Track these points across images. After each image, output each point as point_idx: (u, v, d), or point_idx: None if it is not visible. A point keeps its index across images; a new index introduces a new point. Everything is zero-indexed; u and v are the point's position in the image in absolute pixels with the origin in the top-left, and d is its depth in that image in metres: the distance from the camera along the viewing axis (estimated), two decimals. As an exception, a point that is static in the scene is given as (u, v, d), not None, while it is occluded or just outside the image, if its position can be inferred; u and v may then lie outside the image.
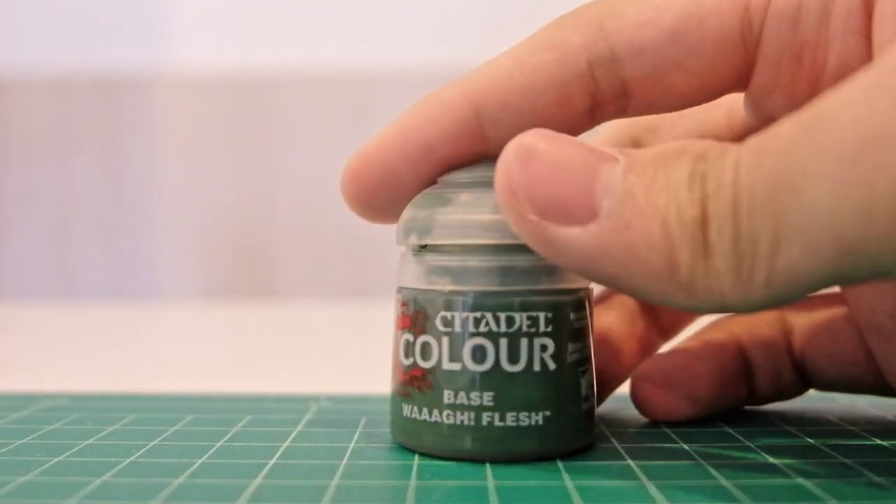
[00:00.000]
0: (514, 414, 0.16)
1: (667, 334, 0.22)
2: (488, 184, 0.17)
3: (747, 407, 0.22)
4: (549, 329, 0.17)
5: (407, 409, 0.18)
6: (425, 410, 0.17)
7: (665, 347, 0.22)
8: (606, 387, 0.21)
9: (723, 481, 0.15)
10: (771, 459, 0.17)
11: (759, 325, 0.21)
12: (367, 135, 0.73)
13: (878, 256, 0.12)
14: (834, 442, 0.18)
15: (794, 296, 0.13)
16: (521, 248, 0.16)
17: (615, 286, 0.15)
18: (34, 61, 0.69)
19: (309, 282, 0.68)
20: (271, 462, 0.17)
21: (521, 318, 0.16)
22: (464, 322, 0.17)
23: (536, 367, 0.16)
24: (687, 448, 0.18)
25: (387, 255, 0.66)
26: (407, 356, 0.17)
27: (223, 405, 0.23)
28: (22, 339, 0.44)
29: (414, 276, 0.18)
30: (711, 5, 0.17)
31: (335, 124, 0.68)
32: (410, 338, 0.17)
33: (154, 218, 0.69)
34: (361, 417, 0.21)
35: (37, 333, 0.45)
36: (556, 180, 0.14)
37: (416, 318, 0.17)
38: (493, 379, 0.16)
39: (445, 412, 0.17)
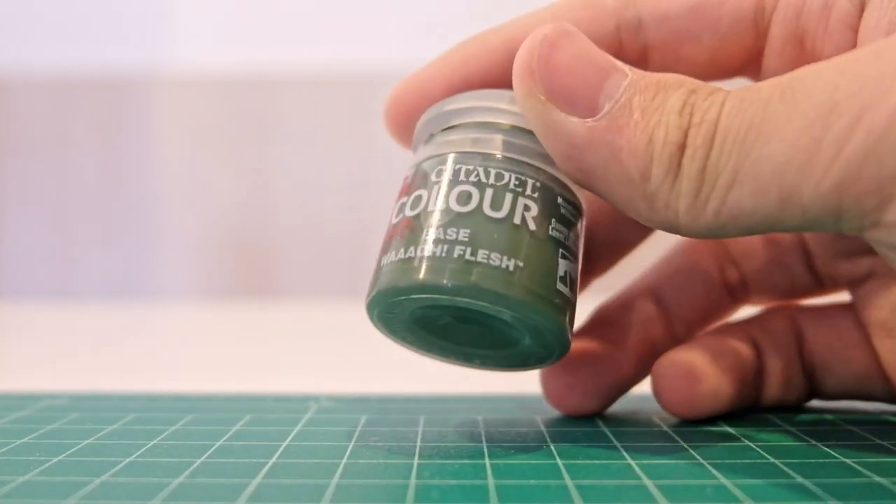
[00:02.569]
0: (487, 252, 0.16)
1: (680, 340, 0.22)
2: (500, 89, 0.18)
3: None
4: (536, 195, 0.17)
5: (386, 258, 0.17)
6: (402, 251, 0.17)
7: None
8: (618, 387, 0.21)
9: (723, 481, 0.15)
10: (771, 459, 0.17)
11: (771, 325, 0.21)
12: (366, 134, 0.73)
13: (809, 206, 0.14)
14: (833, 442, 0.18)
15: (734, 232, 0.15)
16: (527, 133, 0.17)
17: (590, 181, 0.16)
18: (34, 61, 0.69)
19: (309, 281, 0.68)
20: (271, 462, 0.17)
21: (509, 176, 0.17)
22: (456, 172, 0.17)
23: (517, 220, 0.17)
24: (687, 448, 0.18)
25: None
26: (397, 215, 0.18)
27: (223, 405, 0.23)
28: (22, 339, 0.44)
29: (422, 153, 0.19)
30: None
31: (335, 124, 0.68)
32: (405, 199, 0.18)
33: (154, 218, 0.69)
34: (361, 417, 0.21)
35: (37, 333, 0.45)
36: (571, 72, 0.16)
37: (414, 179, 0.18)
38: (473, 219, 0.17)
39: (421, 247, 0.17)
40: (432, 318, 0.18)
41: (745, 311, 0.23)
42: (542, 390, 0.21)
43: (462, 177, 0.17)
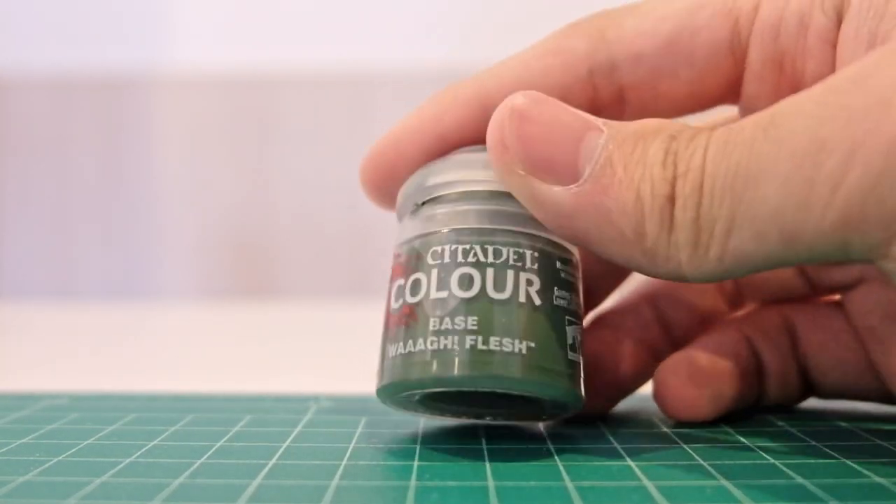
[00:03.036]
0: (498, 339, 0.16)
1: (678, 345, 0.22)
2: (484, 149, 0.17)
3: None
4: (536, 267, 0.17)
5: (392, 349, 0.17)
6: (410, 343, 0.17)
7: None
8: (619, 388, 0.21)
9: (723, 481, 0.15)
10: (771, 459, 0.17)
11: (767, 327, 0.21)
12: (366, 134, 0.73)
13: (813, 245, 0.13)
14: (834, 442, 0.18)
15: (741, 273, 0.15)
16: (511, 197, 0.17)
17: (587, 244, 0.16)
18: (34, 61, 0.69)
19: (309, 281, 0.68)
20: (271, 462, 0.17)
21: (508, 252, 0.17)
22: (453, 253, 0.17)
23: (522, 298, 0.17)
24: (687, 448, 0.18)
25: (387, 254, 0.66)
26: (396, 299, 0.18)
27: (223, 405, 0.23)
28: (22, 339, 0.44)
29: (410, 229, 0.18)
30: (704, 19, 0.18)
31: (335, 124, 0.68)
32: (402, 281, 0.18)
33: (154, 218, 0.69)
34: (361, 417, 0.21)
35: (37, 333, 0.45)
36: (545, 141, 0.16)
37: (409, 261, 0.18)
38: (479, 304, 0.16)
39: (430, 339, 0.16)
40: (444, 393, 0.18)
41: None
42: None
43: (460, 258, 0.17)
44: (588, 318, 0.22)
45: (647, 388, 0.22)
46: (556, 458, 0.17)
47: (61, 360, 0.36)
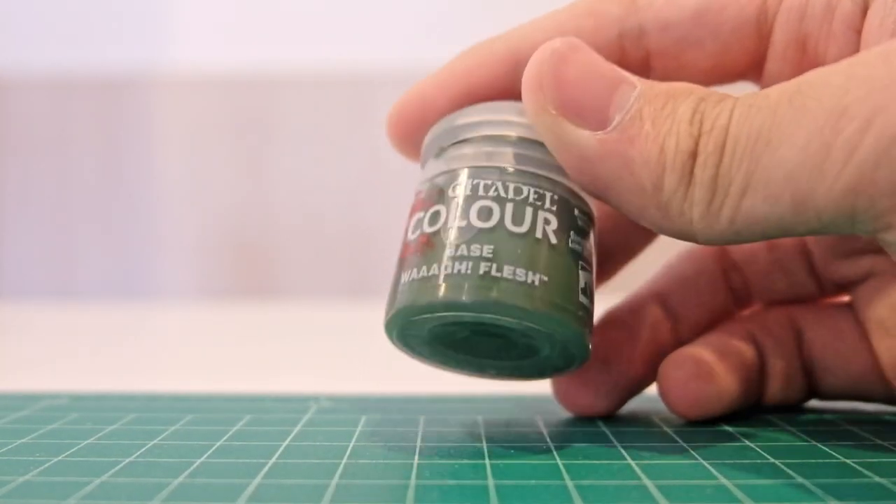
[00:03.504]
0: (512, 268, 0.16)
1: (686, 344, 0.22)
2: (510, 102, 0.18)
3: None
4: (554, 209, 0.17)
5: (405, 276, 0.17)
6: (424, 269, 0.17)
7: None
8: (629, 387, 0.21)
9: (723, 481, 0.15)
10: (771, 459, 0.17)
11: (772, 327, 0.21)
12: (366, 135, 0.73)
13: (822, 210, 0.14)
14: (834, 442, 0.18)
15: (749, 237, 0.15)
16: (539, 145, 0.17)
17: (604, 192, 0.16)
18: (34, 61, 0.69)
19: (309, 281, 0.68)
20: (271, 462, 0.17)
21: (528, 190, 0.17)
22: (474, 187, 0.17)
23: (538, 234, 0.17)
24: (687, 448, 0.18)
25: (387, 254, 0.66)
26: (414, 230, 0.18)
27: (223, 405, 0.23)
28: (22, 339, 0.44)
29: (434, 168, 0.18)
30: None
31: (335, 124, 0.68)
32: (421, 214, 0.18)
33: (154, 218, 0.69)
34: (361, 417, 0.21)
35: (37, 333, 0.45)
36: (580, 85, 0.16)
37: (430, 195, 0.18)
38: (496, 234, 0.17)
39: (445, 264, 0.16)
40: (451, 333, 0.18)
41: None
42: (553, 391, 0.21)
43: (481, 192, 0.17)
44: (597, 317, 0.22)
45: (646, 388, 0.22)
46: (556, 456, 0.17)
47: (61, 360, 0.36)
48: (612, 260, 0.22)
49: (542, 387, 0.21)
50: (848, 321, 0.21)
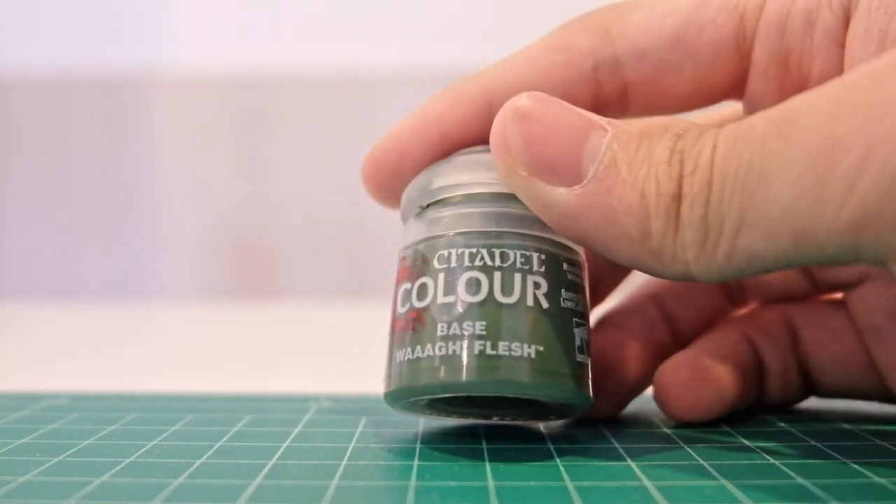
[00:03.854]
0: (507, 343, 0.16)
1: (683, 344, 0.22)
2: (488, 150, 0.17)
3: (747, 407, 0.22)
4: (543, 269, 0.17)
5: (399, 355, 0.17)
6: (418, 348, 0.17)
7: None
8: (630, 389, 0.21)
9: (723, 481, 0.15)
10: (771, 459, 0.17)
11: (768, 327, 0.21)
12: (366, 134, 0.73)
13: (825, 245, 0.13)
14: (834, 442, 0.18)
15: (751, 272, 0.14)
16: (516, 199, 0.17)
17: (592, 246, 0.16)
18: (34, 61, 0.69)
19: (309, 282, 0.68)
20: (271, 462, 0.17)
21: (515, 255, 0.17)
22: (459, 257, 0.17)
23: (529, 302, 0.17)
24: (687, 448, 0.18)
25: (387, 255, 0.66)
26: (403, 304, 0.17)
27: (223, 405, 0.23)
28: (22, 339, 0.44)
29: (414, 233, 0.18)
30: (710, 15, 0.18)
31: (334, 124, 0.68)
32: (408, 285, 0.17)
33: (154, 218, 0.69)
34: (361, 417, 0.21)
35: (37, 333, 0.45)
36: (548, 142, 0.15)
37: (414, 264, 0.18)
38: (487, 309, 0.16)
39: (438, 344, 0.16)
40: (452, 398, 0.18)
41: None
42: None
43: (466, 262, 0.17)
44: (594, 318, 0.22)
45: (647, 389, 0.22)
46: (556, 458, 0.17)
47: (61, 360, 0.36)
48: (604, 283, 0.22)
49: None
50: (843, 320, 0.21)
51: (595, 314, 0.22)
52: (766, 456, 0.17)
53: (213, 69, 0.68)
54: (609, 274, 0.22)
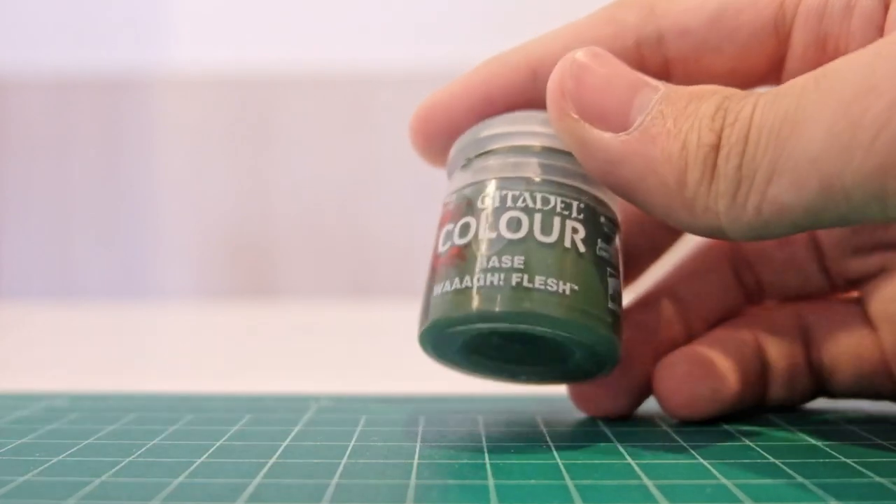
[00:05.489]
0: (543, 278, 0.17)
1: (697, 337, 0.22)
2: (534, 111, 0.18)
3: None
4: (581, 217, 0.17)
5: (438, 288, 0.18)
6: (457, 280, 0.17)
7: None
8: (641, 393, 0.21)
9: (723, 481, 0.15)
10: (771, 459, 0.17)
11: (777, 326, 0.21)
12: (366, 135, 0.73)
13: (852, 191, 0.13)
14: (834, 442, 0.18)
15: (779, 227, 0.14)
16: (563, 154, 0.18)
17: (629, 193, 0.16)
18: (34, 61, 0.69)
19: (309, 281, 0.68)
20: (271, 461, 0.17)
21: (555, 200, 0.17)
22: (503, 198, 0.17)
23: (567, 244, 0.17)
24: (687, 448, 0.18)
25: (387, 255, 0.66)
26: (444, 242, 0.18)
27: (223, 405, 0.23)
28: (22, 339, 0.43)
29: (461, 179, 0.19)
30: None
31: (335, 124, 0.68)
32: (451, 226, 0.18)
33: (154, 218, 0.69)
34: (361, 417, 0.21)
35: (37, 333, 0.45)
36: (602, 90, 0.16)
37: (458, 207, 0.18)
38: (526, 245, 0.17)
39: (477, 276, 0.17)
40: (484, 342, 0.19)
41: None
42: (569, 393, 0.21)
43: (509, 203, 0.17)
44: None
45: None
46: (556, 456, 0.17)
47: (61, 360, 0.36)
48: (638, 261, 0.22)
49: (542, 387, 0.21)
50: (856, 318, 0.21)
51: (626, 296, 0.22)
52: (766, 455, 0.17)
53: (213, 69, 0.68)
54: (644, 254, 0.22)
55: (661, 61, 0.19)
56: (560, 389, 0.22)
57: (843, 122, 0.13)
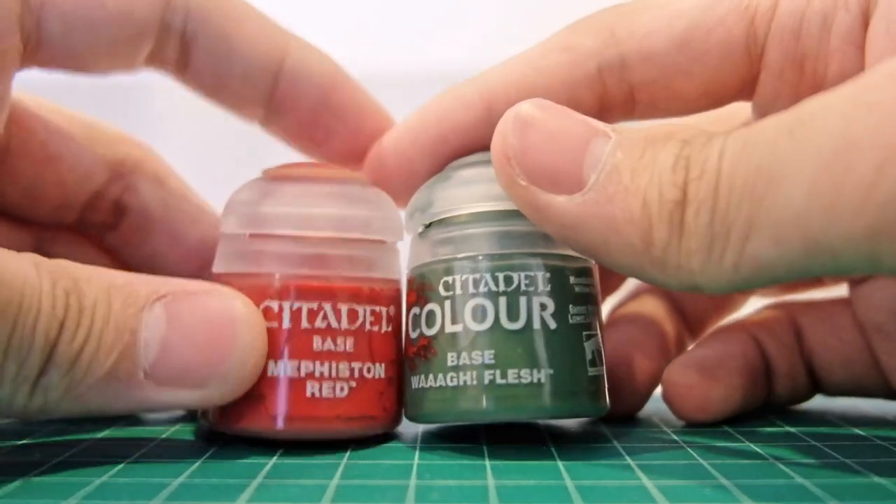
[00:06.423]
0: (516, 371, 0.16)
1: (695, 333, 0.22)
2: (488, 163, 0.17)
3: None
4: (549, 289, 0.17)
5: (415, 381, 0.18)
6: (430, 377, 0.17)
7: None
8: (651, 383, 0.21)
9: (723, 481, 0.15)
10: (771, 459, 0.17)
11: (773, 325, 0.21)
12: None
13: (839, 252, 0.12)
14: (834, 442, 0.18)
15: (759, 282, 0.14)
16: (520, 215, 0.17)
17: (594, 256, 0.15)
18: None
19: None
20: (272, 461, 0.17)
21: (518, 278, 0.17)
22: (463, 284, 0.17)
23: (536, 325, 0.17)
24: (687, 448, 0.18)
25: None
26: (414, 328, 0.18)
27: (223, 405, 0.23)
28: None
29: (419, 254, 0.18)
30: (719, 16, 0.17)
31: (335, 124, 0.68)
32: (417, 310, 0.18)
33: (154, 218, 0.69)
34: (361, 417, 0.21)
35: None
36: (549, 150, 0.15)
37: (420, 289, 0.18)
38: (494, 337, 0.17)
39: (449, 374, 0.17)
40: None
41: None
42: None
43: (471, 289, 0.17)
44: (608, 315, 0.22)
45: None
46: (556, 457, 0.17)
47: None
48: (616, 274, 0.22)
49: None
50: (847, 319, 0.21)
51: (606, 309, 0.22)
52: (766, 456, 0.17)
53: (213, 69, 0.68)
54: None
55: (625, 88, 0.18)
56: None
57: (826, 181, 0.12)
